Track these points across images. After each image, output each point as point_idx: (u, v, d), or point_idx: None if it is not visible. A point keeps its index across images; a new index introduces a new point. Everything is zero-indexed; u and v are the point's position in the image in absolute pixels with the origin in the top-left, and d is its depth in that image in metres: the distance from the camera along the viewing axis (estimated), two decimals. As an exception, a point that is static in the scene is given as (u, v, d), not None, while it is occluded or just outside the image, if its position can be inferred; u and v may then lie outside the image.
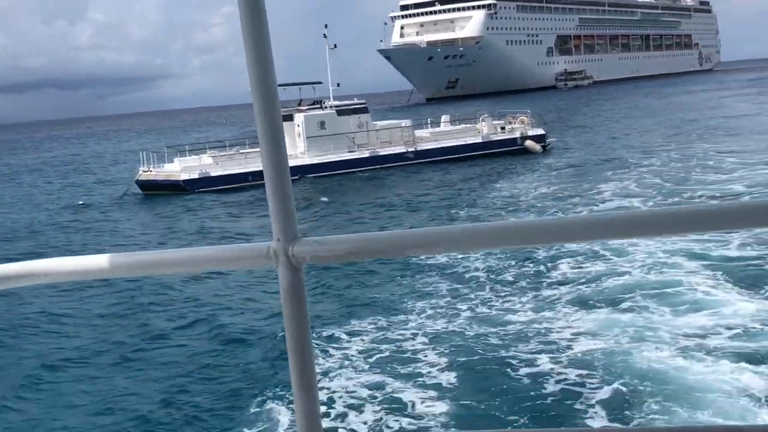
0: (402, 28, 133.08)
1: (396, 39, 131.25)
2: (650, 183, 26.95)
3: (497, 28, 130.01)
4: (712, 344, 11.27)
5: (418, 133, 37.76)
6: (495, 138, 37.44)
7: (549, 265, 16.66)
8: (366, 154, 35.76)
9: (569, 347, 11.75)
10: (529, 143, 37.03)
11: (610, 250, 17.22)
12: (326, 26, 38.94)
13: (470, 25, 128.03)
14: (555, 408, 9.72)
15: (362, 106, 37.00)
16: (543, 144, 37.54)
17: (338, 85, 37.69)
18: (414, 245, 1.44)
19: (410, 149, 36.29)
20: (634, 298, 13.69)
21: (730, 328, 11.89)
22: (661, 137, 41.44)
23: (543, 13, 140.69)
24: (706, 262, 15.58)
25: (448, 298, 15.04)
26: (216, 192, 32.87)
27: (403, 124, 37.52)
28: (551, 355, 11.46)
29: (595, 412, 9.53)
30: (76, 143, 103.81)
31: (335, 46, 38.17)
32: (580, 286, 14.96)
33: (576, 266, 16.37)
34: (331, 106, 36.50)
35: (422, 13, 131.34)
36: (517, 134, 37.45)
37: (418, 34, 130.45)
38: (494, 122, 38.34)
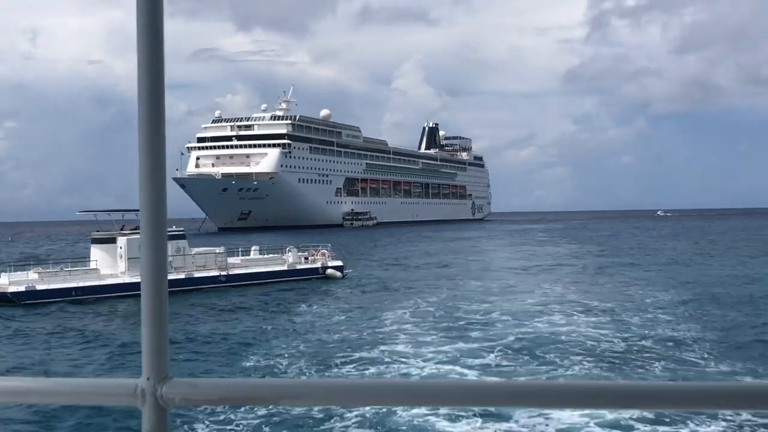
0: (198, 158, 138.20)
1: (191, 169, 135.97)
2: (424, 310, 33.25)
3: (291, 166, 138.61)
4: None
5: (231, 259, 42.77)
6: (299, 267, 43.25)
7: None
8: (182, 276, 40.05)
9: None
10: (330, 271, 43.14)
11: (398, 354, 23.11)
12: None
13: (265, 161, 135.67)
14: None
15: (181, 233, 41.54)
16: (342, 274, 43.76)
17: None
18: (291, 396, 1.42)
19: (223, 273, 41.11)
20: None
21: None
22: (435, 274, 48.99)
23: (333, 156, 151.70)
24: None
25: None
26: (42, 305, 35.68)
27: (217, 251, 42.41)
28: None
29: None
30: None
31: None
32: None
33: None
34: (152, 231, 40.63)
35: (219, 147, 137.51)
36: (319, 264, 43.53)
37: (213, 165, 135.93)
38: (299, 254, 44.25)
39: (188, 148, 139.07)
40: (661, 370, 20.87)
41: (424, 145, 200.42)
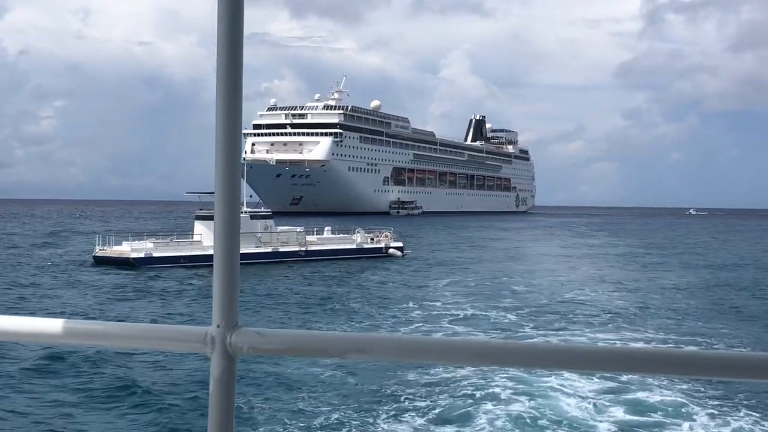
0: (253, 144, 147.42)
1: (247, 154, 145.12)
2: (467, 281, 41.39)
3: (341, 155, 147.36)
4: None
5: (309, 237, 51.40)
6: (366, 246, 51.82)
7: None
8: (269, 249, 48.70)
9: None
10: (392, 251, 51.63)
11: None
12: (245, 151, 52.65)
13: (317, 149, 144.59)
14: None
15: (268, 213, 50.32)
16: (402, 253, 52.22)
17: (251, 196, 51.01)
18: (357, 350, 1.46)
19: (303, 249, 49.76)
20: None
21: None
22: (479, 255, 57.19)
23: (382, 146, 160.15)
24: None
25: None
26: (156, 268, 44.54)
27: (298, 230, 51.05)
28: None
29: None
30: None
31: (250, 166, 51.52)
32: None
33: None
34: (245, 212, 49.35)
35: (274, 134, 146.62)
36: (383, 244, 52.03)
37: (268, 152, 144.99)
38: (366, 234, 52.82)
39: (244, 134, 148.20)
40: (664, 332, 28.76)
41: (470, 137, 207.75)
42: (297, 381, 18.30)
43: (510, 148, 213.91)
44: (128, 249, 45.65)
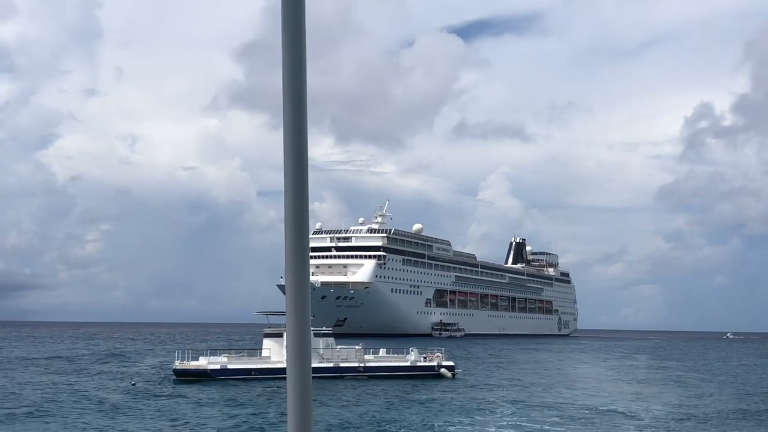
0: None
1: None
2: (513, 398, 45.53)
3: (385, 277, 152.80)
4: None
5: (366, 355, 56.07)
6: (419, 364, 56.30)
7: None
8: (330, 365, 53.36)
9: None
10: (443, 371, 55.96)
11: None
12: None
13: (361, 271, 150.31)
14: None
15: (330, 332, 55.29)
16: (453, 372, 56.53)
17: (314, 316, 56.10)
18: None
19: (361, 365, 54.37)
20: None
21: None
22: (527, 377, 61.18)
23: (425, 268, 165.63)
24: None
25: None
26: (231, 380, 49.27)
27: (357, 348, 55.78)
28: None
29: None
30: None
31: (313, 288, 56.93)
32: None
33: None
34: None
35: (319, 257, 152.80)
36: (435, 363, 56.47)
37: (313, 274, 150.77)
38: (419, 354, 57.39)
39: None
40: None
41: (511, 260, 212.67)
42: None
43: (551, 271, 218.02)
44: (205, 362, 50.76)
